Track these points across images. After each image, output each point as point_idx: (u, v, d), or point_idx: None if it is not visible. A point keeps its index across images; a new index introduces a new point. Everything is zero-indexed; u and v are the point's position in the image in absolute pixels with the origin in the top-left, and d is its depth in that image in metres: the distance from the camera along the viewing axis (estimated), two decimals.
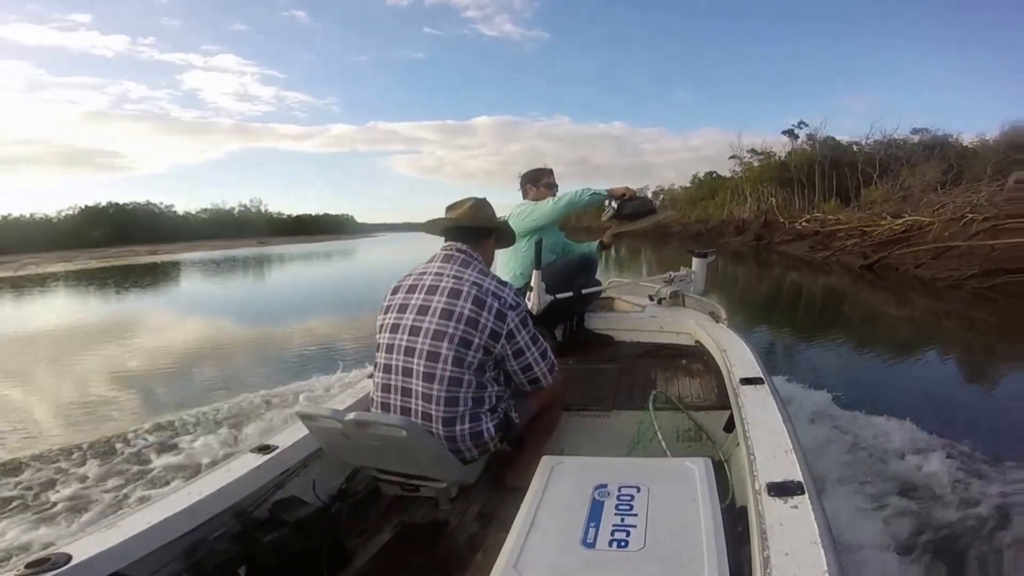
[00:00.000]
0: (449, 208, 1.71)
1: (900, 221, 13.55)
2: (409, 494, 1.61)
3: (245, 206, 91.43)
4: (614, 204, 2.71)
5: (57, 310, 12.32)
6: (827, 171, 27.24)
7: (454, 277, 1.52)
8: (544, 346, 1.63)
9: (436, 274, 1.55)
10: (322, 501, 1.51)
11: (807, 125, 31.42)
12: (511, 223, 2.38)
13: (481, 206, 1.69)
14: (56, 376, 5.89)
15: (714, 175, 42.99)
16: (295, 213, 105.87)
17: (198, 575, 1.21)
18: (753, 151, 34.37)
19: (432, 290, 1.52)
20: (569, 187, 2.78)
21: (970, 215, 11.32)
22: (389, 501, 1.67)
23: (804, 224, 20.50)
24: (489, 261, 1.72)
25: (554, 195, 2.77)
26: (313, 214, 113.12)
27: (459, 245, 1.61)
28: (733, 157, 35.78)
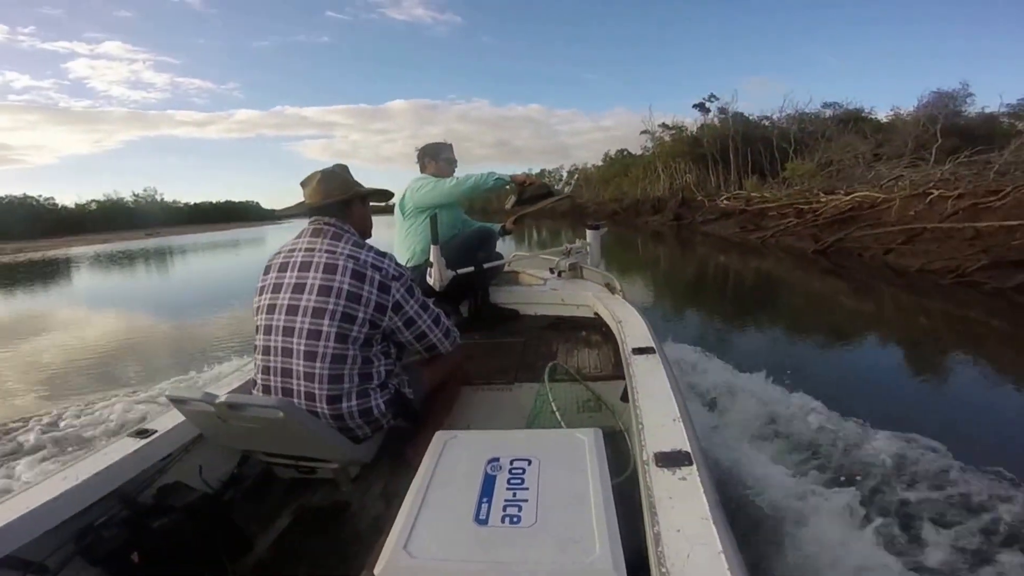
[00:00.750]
0: (302, 184, 1.65)
1: (848, 198, 11.81)
2: (306, 476, 1.60)
3: (138, 196, 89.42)
4: (513, 197, 2.78)
5: None
6: (740, 147, 25.99)
7: (327, 251, 1.50)
8: (436, 312, 1.65)
9: (307, 249, 1.52)
10: (211, 487, 1.52)
11: (717, 99, 30.42)
12: (408, 196, 2.61)
13: (329, 178, 1.61)
14: None
15: (625, 153, 43.38)
16: (195, 201, 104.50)
17: (91, 561, 1.21)
18: (664, 125, 33.73)
19: (305, 266, 1.50)
20: (486, 169, 2.93)
21: (935, 191, 9.29)
22: (286, 485, 1.66)
23: (726, 202, 18.71)
24: (364, 227, 1.68)
25: (453, 171, 2.79)
26: (214, 201, 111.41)
27: (326, 218, 1.57)
28: (644, 132, 35.33)
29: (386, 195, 1.86)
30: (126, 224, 64.28)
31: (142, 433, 1.48)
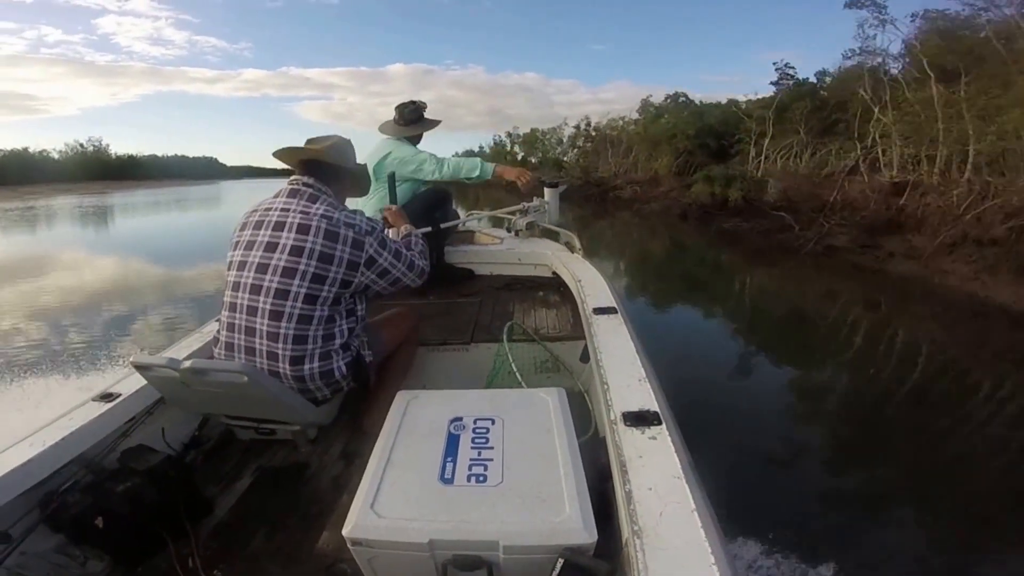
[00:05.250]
0: (309, 142, 1.63)
1: None
2: (265, 437, 1.60)
3: (81, 145, 76.31)
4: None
5: None
6: None
7: (301, 212, 1.49)
8: (410, 258, 1.63)
9: (282, 209, 1.51)
10: (173, 449, 1.53)
11: None
12: (387, 164, 2.62)
13: (343, 146, 1.63)
14: None
15: (682, 98, 24.51)
16: (140, 153, 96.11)
17: (56, 527, 1.21)
18: None
19: (279, 226, 1.48)
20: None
21: None
22: (245, 446, 1.67)
23: None
24: (341, 201, 1.65)
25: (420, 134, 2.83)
26: (160, 155, 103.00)
27: (306, 180, 1.56)
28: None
29: (367, 189, 1.84)
30: (30, 178, 55.76)
31: (106, 397, 1.45)
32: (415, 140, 2.84)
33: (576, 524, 0.88)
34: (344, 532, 0.92)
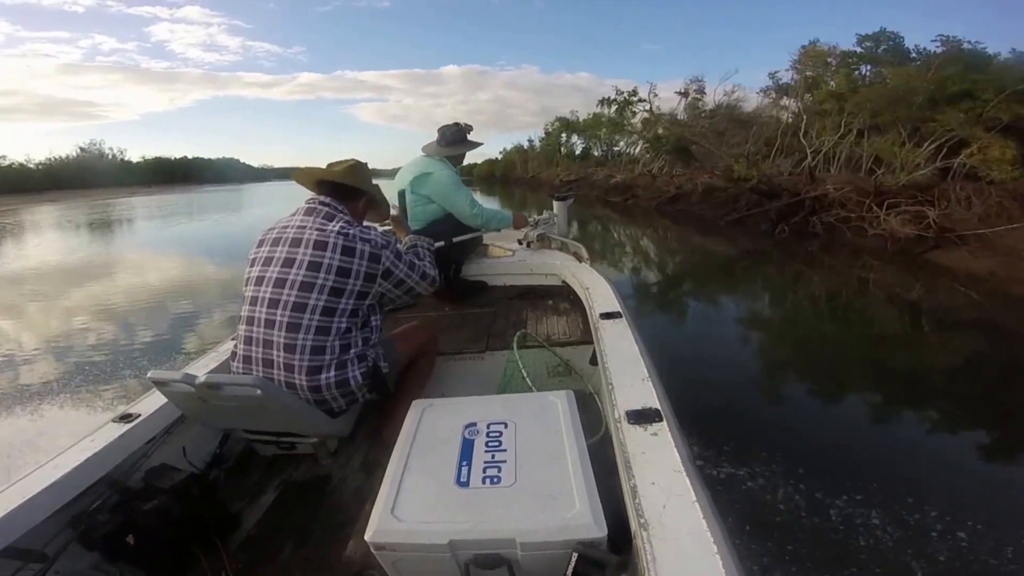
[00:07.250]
0: (329, 165, 1.74)
1: None
2: (287, 452, 1.65)
3: (83, 149, 71.23)
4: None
5: None
6: None
7: (317, 229, 1.53)
8: (422, 268, 1.69)
9: (299, 227, 1.55)
10: (195, 467, 1.55)
11: None
12: (429, 185, 2.60)
13: (360, 168, 1.72)
14: None
15: (889, 40, 16.82)
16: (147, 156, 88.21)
17: (89, 546, 1.25)
18: None
19: (296, 243, 1.53)
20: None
21: None
22: (268, 461, 1.70)
23: None
24: (357, 221, 1.70)
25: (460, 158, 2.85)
26: (174, 157, 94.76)
27: (323, 199, 1.62)
28: None
29: (385, 214, 1.85)
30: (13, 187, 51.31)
31: (126, 418, 1.48)
32: (456, 160, 2.87)
33: (586, 519, 0.92)
34: (366, 537, 0.96)
